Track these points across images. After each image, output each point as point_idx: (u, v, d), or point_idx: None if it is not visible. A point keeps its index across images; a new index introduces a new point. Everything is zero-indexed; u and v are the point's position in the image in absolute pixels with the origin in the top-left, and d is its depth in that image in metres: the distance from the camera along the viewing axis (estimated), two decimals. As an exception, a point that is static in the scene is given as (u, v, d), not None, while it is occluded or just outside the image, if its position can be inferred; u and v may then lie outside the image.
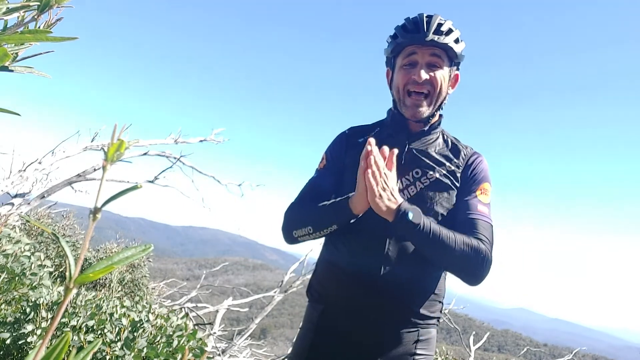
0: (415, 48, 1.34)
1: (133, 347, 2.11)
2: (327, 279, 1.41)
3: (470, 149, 1.44)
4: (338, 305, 1.36)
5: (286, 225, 1.39)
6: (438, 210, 1.33)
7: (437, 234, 1.20)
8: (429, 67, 1.34)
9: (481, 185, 1.37)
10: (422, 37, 1.30)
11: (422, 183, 1.33)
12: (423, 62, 1.33)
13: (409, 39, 1.33)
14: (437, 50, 1.33)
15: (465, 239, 1.24)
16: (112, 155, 0.40)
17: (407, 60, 1.35)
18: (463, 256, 1.22)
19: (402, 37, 1.34)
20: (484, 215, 1.31)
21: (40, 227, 0.37)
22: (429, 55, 1.33)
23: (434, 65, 1.34)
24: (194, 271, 51.00)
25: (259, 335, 26.88)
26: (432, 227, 1.20)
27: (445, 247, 1.21)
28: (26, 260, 2.71)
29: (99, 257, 6.61)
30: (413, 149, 1.38)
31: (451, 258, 1.24)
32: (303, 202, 1.40)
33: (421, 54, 1.33)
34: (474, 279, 1.27)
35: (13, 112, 0.56)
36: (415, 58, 1.34)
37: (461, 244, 1.22)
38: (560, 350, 23.05)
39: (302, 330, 1.44)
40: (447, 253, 1.22)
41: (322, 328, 1.37)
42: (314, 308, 1.42)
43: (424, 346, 1.33)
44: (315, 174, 1.47)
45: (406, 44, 1.34)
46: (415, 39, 1.32)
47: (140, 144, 5.73)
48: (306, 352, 1.37)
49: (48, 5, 0.52)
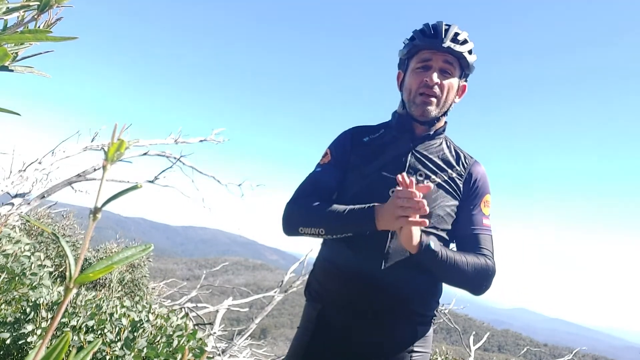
0: (431, 54, 1.37)
1: (133, 347, 2.11)
2: (326, 277, 1.41)
3: (471, 157, 1.47)
4: (336, 304, 1.36)
5: (291, 220, 1.38)
6: (439, 212, 1.35)
7: (452, 259, 1.26)
8: (441, 72, 1.37)
9: (484, 198, 1.41)
10: (439, 43, 1.34)
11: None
12: (436, 67, 1.37)
13: (426, 43, 1.36)
14: (451, 58, 1.37)
15: (475, 259, 1.30)
16: (112, 155, 0.40)
17: (422, 64, 1.38)
18: (474, 276, 1.29)
19: (420, 41, 1.37)
20: (487, 229, 1.38)
21: (40, 227, 0.37)
22: (442, 61, 1.37)
23: (446, 71, 1.38)
24: (194, 271, 50.98)
25: (259, 335, 26.88)
26: (447, 253, 1.26)
27: (459, 271, 1.27)
28: (26, 260, 2.71)
29: (99, 257, 6.61)
30: (417, 152, 1.41)
31: (464, 279, 1.31)
32: (309, 198, 1.39)
33: (435, 59, 1.37)
34: (480, 292, 1.35)
35: (13, 112, 0.56)
36: (430, 63, 1.37)
37: (472, 266, 1.28)
38: (560, 350, 23.05)
39: (300, 329, 1.44)
40: (460, 275, 1.29)
41: (320, 327, 1.37)
42: (312, 307, 1.42)
43: (422, 343, 1.35)
44: (318, 169, 1.47)
45: (422, 47, 1.37)
46: (432, 44, 1.35)
47: (140, 144, 5.73)
48: (304, 350, 1.38)
49: (48, 5, 0.52)
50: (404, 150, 1.41)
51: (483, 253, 1.34)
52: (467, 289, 1.35)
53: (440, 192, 1.37)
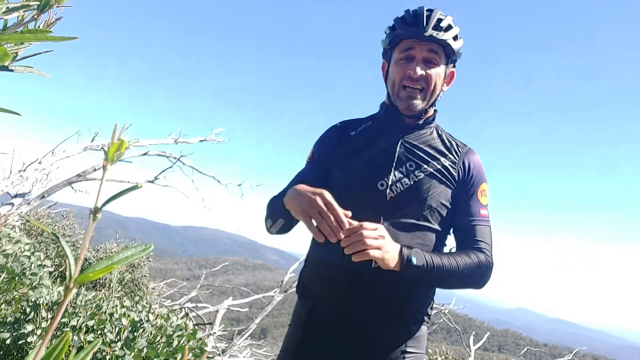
0: (413, 43, 1.32)
1: (133, 347, 2.11)
2: (315, 275, 1.39)
3: (464, 145, 1.42)
4: (326, 302, 1.34)
5: (265, 219, 1.39)
6: (431, 204, 1.31)
7: (440, 266, 1.21)
8: (425, 63, 1.32)
9: (480, 187, 1.36)
10: (421, 32, 1.28)
11: (416, 176, 1.32)
12: (420, 58, 1.32)
13: (408, 32, 1.30)
14: (435, 47, 1.32)
15: (466, 259, 1.25)
16: (112, 155, 0.40)
17: (404, 55, 1.33)
18: (467, 277, 1.25)
19: (401, 30, 1.32)
20: (485, 219, 1.34)
21: (40, 227, 0.37)
22: (426, 51, 1.31)
23: (431, 61, 1.32)
24: (194, 271, 50.99)
25: (259, 335, 26.87)
26: (434, 263, 1.20)
27: (450, 275, 1.22)
28: (26, 260, 2.71)
29: (99, 257, 6.61)
30: (406, 142, 1.36)
31: (456, 282, 1.28)
32: (282, 193, 1.36)
33: (419, 49, 1.32)
34: (478, 288, 1.31)
35: (13, 112, 0.56)
36: (412, 53, 1.32)
37: (464, 266, 1.23)
38: (560, 350, 23.03)
39: (291, 327, 1.42)
40: (452, 280, 1.24)
41: (311, 325, 1.35)
42: (303, 305, 1.40)
43: (414, 343, 1.31)
44: (305, 166, 1.47)
45: (404, 37, 1.32)
46: (414, 33, 1.29)
47: (140, 143, 5.73)
48: (295, 349, 1.36)
49: (48, 4, 0.52)
50: (393, 141, 1.36)
51: (479, 247, 1.30)
52: (463, 288, 1.33)
53: (433, 182, 1.32)
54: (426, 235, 1.31)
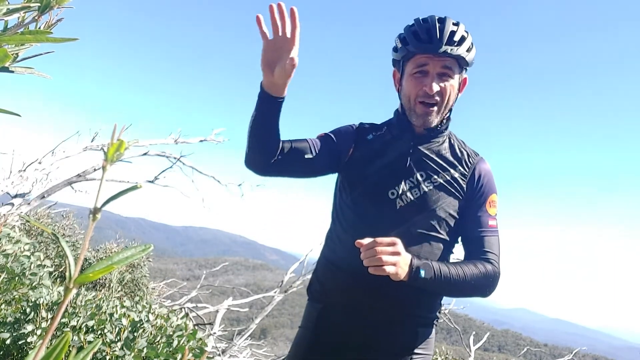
0: (427, 59, 1.30)
1: (133, 347, 2.11)
2: (327, 277, 1.41)
3: (476, 154, 1.43)
4: (337, 304, 1.36)
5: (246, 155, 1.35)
6: (440, 214, 1.33)
7: (448, 277, 1.23)
8: (439, 77, 1.31)
9: (489, 198, 1.38)
10: (435, 49, 1.26)
11: (425, 187, 1.33)
12: (434, 73, 1.30)
13: (421, 49, 1.29)
14: (449, 62, 1.30)
15: (474, 269, 1.27)
16: (112, 155, 0.40)
17: (418, 70, 1.32)
18: (474, 287, 1.28)
19: (414, 46, 1.30)
20: (493, 230, 1.36)
21: (40, 227, 0.37)
22: (440, 66, 1.30)
23: (445, 75, 1.32)
24: (194, 271, 50.94)
25: (259, 335, 26.87)
26: (442, 274, 1.23)
27: (457, 285, 1.25)
28: (26, 260, 2.71)
29: (99, 257, 6.61)
30: (418, 152, 1.37)
31: (464, 292, 1.32)
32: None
33: (432, 64, 1.30)
34: (484, 296, 1.34)
35: (13, 113, 0.56)
36: (427, 68, 1.31)
37: (471, 277, 1.26)
38: (560, 350, 23.04)
39: (301, 329, 1.44)
40: (459, 289, 1.28)
41: (321, 327, 1.37)
42: (313, 307, 1.42)
43: (423, 346, 1.34)
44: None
45: (417, 53, 1.31)
46: (428, 49, 1.28)
47: (140, 144, 5.74)
48: (304, 351, 1.38)
49: (48, 6, 0.52)
50: (405, 150, 1.37)
51: (487, 257, 1.32)
52: (470, 297, 1.37)
53: (441, 194, 1.34)
54: (434, 244, 1.33)
